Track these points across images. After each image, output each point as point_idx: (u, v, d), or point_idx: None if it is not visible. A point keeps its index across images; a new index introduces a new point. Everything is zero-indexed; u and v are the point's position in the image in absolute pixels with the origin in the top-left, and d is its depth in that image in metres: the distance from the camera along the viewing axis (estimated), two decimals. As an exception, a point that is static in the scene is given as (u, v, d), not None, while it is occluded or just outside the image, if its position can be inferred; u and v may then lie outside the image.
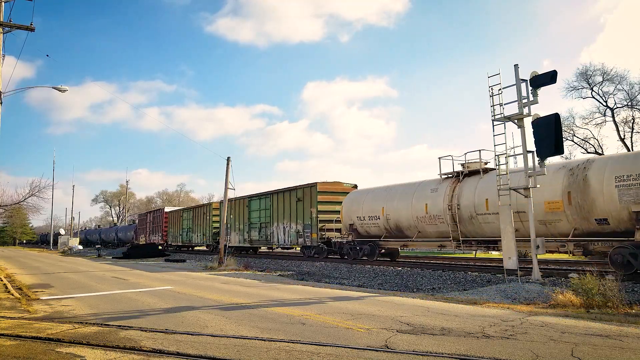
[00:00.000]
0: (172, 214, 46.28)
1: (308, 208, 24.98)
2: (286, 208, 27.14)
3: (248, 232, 31.05)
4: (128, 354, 5.88)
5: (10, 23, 13.87)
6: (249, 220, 31.12)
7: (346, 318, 8.14)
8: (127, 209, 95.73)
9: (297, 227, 25.87)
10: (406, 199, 19.79)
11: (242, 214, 32.09)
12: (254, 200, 30.86)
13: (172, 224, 45.88)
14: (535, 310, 8.79)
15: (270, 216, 28.63)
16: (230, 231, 32.64)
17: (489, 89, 12.85)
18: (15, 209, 39.08)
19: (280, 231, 27.72)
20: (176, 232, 44.34)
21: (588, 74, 33.70)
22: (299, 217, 25.79)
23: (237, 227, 32.49)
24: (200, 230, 38.75)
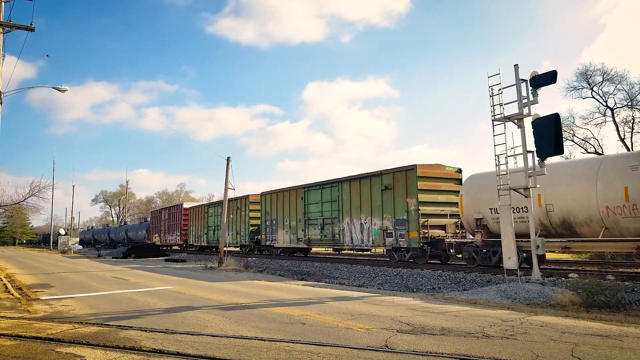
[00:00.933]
0: (194, 210, 39.40)
1: (402, 198, 18.78)
2: (364, 199, 20.77)
3: (304, 229, 24.74)
4: (128, 354, 5.88)
5: (10, 23, 13.87)
6: (305, 216, 24.82)
7: (346, 318, 8.14)
8: (127, 209, 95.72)
9: (383, 223, 19.61)
10: (583, 182, 13.71)
11: (293, 208, 25.99)
12: (314, 191, 24.42)
13: (193, 221, 39.16)
14: (535, 310, 8.79)
15: (339, 210, 22.40)
16: (276, 229, 27.28)
17: (489, 89, 12.86)
18: (15, 209, 39.05)
19: (354, 229, 21.40)
20: (199, 230, 37.85)
21: (588, 74, 33.69)
22: (386, 210, 19.53)
23: (285, 224, 26.56)
24: (234, 228, 32.59)
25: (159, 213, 48.58)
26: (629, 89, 32.09)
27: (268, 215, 28.13)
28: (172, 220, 44.20)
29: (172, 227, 43.87)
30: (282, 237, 26.84)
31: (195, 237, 38.94)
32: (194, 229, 39.16)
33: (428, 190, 18.72)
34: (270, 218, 27.88)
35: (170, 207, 46.52)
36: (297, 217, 25.70)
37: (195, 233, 38.85)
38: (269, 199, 28.19)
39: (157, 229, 47.79)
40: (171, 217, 44.48)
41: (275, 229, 27.38)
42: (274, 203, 27.72)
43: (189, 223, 40.35)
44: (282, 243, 26.95)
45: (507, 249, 12.10)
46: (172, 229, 44.04)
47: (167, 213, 45.92)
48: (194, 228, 39.07)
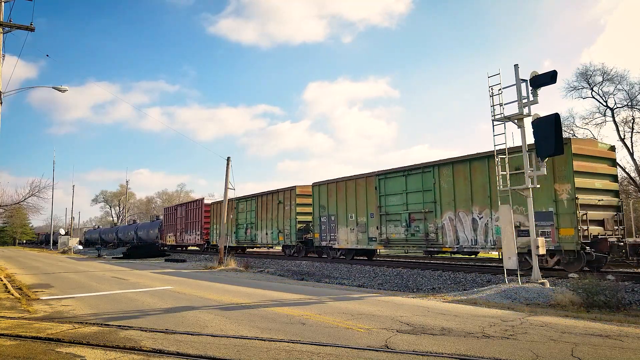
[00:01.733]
0: (218, 206, 34.34)
1: (546, 183, 14.11)
2: (478, 186, 16.30)
3: (380, 226, 19.87)
4: (128, 354, 5.88)
5: (10, 23, 13.88)
6: (380, 210, 19.86)
7: (346, 318, 8.14)
8: (127, 209, 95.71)
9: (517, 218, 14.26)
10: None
11: (362, 201, 21.04)
12: (394, 179, 19.56)
13: (217, 218, 34.20)
14: (535, 310, 8.79)
15: (436, 201, 17.70)
16: (336, 226, 22.33)
17: (489, 89, 12.85)
18: (15, 209, 39.07)
19: (462, 225, 16.82)
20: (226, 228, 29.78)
21: (588, 74, 33.70)
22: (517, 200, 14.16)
23: (348, 220, 21.59)
24: (273, 225, 27.84)
25: (174, 210, 43.43)
26: (629, 89, 32.11)
27: (323, 209, 23.12)
28: (190, 218, 39.26)
29: (191, 225, 38.96)
30: (345, 237, 21.76)
31: (219, 237, 33.39)
32: (218, 227, 33.66)
33: (584, 173, 14.25)
34: (326, 213, 22.91)
35: (188, 203, 41.16)
36: (367, 212, 20.69)
37: (220, 232, 33.07)
38: (324, 190, 23.26)
39: (171, 227, 43.19)
40: (189, 214, 39.57)
41: (335, 227, 22.27)
42: (332, 195, 22.65)
43: (211, 221, 35.15)
44: (345, 243, 21.78)
45: (507, 249, 12.10)
46: (190, 227, 39.10)
47: (184, 210, 40.92)
48: (219, 226, 33.11)
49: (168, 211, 46.09)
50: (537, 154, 11.87)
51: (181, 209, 41.76)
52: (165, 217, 46.03)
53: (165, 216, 46.17)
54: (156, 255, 36.07)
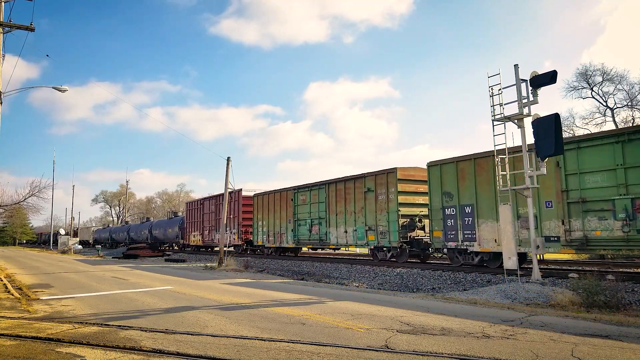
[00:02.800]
0: (267, 198, 27.87)
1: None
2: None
3: (570, 218, 13.09)
4: (128, 354, 5.88)
5: (10, 23, 13.87)
6: (564, 196, 13.14)
7: (346, 318, 8.14)
8: (127, 209, 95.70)
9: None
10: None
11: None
12: (590, 149, 12.81)
13: (264, 214, 27.89)
14: (535, 310, 8.79)
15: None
16: (472, 221, 15.77)
17: (489, 89, 12.85)
18: (15, 209, 39.02)
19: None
20: (277, 226, 26.53)
21: (588, 74, 33.73)
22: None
23: (492, 214, 15.09)
24: (357, 220, 20.64)
25: (200, 205, 36.99)
26: (628, 89, 32.14)
27: (449, 198, 16.62)
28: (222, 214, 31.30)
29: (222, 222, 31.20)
30: (493, 235, 15.05)
31: (267, 236, 27.47)
32: (264, 224, 27.73)
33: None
34: (455, 203, 16.36)
35: (219, 196, 33.48)
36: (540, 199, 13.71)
37: (269, 230, 27.19)
38: (451, 171, 16.62)
39: (196, 225, 37.14)
40: (221, 209, 32.22)
41: (472, 222, 15.75)
42: (467, 177, 16.08)
43: (254, 216, 28.83)
44: (493, 245, 15.05)
45: (507, 249, 12.10)
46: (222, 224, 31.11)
47: (213, 204, 34.48)
48: (266, 223, 27.62)
49: (192, 206, 39.40)
50: (537, 154, 11.87)
51: (209, 204, 35.15)
52: (189, 214, 39.21)
53: (188, 212, 39.32)
54: (156, 255, 36.08)
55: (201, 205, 36.85)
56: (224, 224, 25.37)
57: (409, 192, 19.18)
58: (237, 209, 30.83)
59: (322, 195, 23.34)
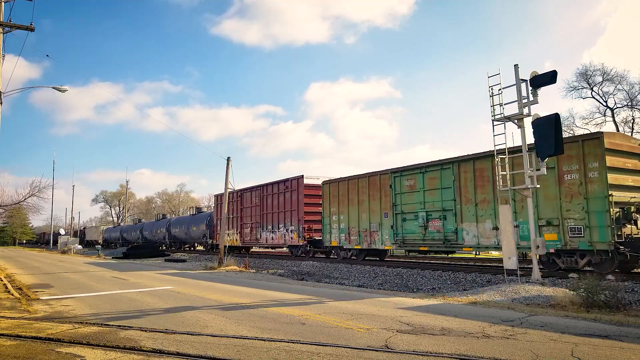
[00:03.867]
0: (344, 185, 21.56)
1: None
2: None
3: None
4: (128, 354, 5.88)
5: (10, 23, 13.88)
6: None
7: (346, 318, 8.14)
8: (127, 209, 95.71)
9: None
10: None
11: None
12: None
13: (340, 205, 21.67)
14: (535, 310, 8.79)
15: None
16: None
17: (489, 89, 12.85)
18: (15, 209, 39.02)
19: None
20: (366, 221, 20.14)
21: (588, 74, 33.75)
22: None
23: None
24: (523, 212, 13.77)
25: (238, 197, 30.53)
26: (629, 89, 32.17)
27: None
28: (272, 207, 26.84)
29: (274, 217, 26.53)
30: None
31: (347, 235, 21.16)
32: (341, 220, 21.46)
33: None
34: None
35: (268, 185, 27.41)
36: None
37: (349, 226, 20.70)
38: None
39: (232, 221, 31.03)
40: (270, 200, 27.00)
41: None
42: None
43: (325, 209, 22.69)
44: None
45: (507, 249, 12.10)
46: (271, 220, 26.72)
47: (256, 195, 28.48)
48: (344, 218, 21.27)
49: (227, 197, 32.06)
50: (537, 154, 11.87)
51: (253, 195, 29.00)
52: (219, 208, 32.23)
53: (220, 207, 32.29)
54: (156, 255, 36.08)
55: (239, 197, 30.52)
56: (224, 223, 25.34)
57: (617, 168, 13.20)
58: (296, 200, 24.44)
59: (446, 178, 16.81)
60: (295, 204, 24.78)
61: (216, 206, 33.92)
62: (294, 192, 25.06)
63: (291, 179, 25.12)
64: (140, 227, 51.95)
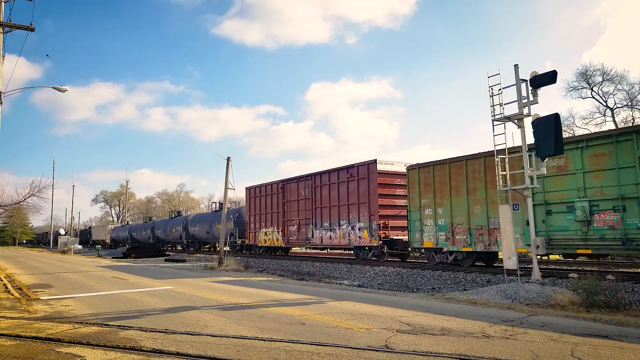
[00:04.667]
0: (442, 170, 16.82)
1: None
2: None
3: None
4: (128, 354, 5.88)
5: (10, 23, 13.88)
6: None
7: (346, 318, 8.14)
8: (127, 209, 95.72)
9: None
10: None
11: None
12: None
13: (437, 194, 16.84)
14: (535, 310, 8.79)
15: None
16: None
17: (489, 89, 12.85)
18: (15, 209, 38.98)
19: None
20: (482, 215, 15.24)
21: (588, 74, 33.76)
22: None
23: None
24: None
25: (279, 190, 26.36)
26: (628, 89, 32.17)
27: None
28: (329, 200, 22.39)
29: (332, 212, 21.89)
30: None
31: (448, 233, 16.40)
32: (439, 214, 16.75)
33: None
34: None
35: (323, 174, 23.14)
36: None
37: (452, 222, 16.15)
38: None
39: (271, 218, 26.95)
40: (326, 192, 22.66)
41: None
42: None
43: (412, 201, 17.83)
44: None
45: (507, 249, 12.10)
46: (328, 216, 22.10)
47: (306, 186, 24.12)
48: (443, 211, 16.61)
49: (261, 192, 28.30)
50: (537, 154, 11.87)
51: (302, 186, 24.42)
52: (254, 203, 28.66)
53: (254, 200, 28.66)
54: (156, 255, 36.08)
55: (280, 189, 26.17)
56: (224, 222, 25.33)
57: None
58: (365, 190, 20.00)
59: (624, 154, 12.13)
60: (365, 195, 20.01)
61: (249, 200, 29.18)
62: (362, 180, 20.40)
63: (358, 165, 20.82)
64: (152, 225, 48.34)
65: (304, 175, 24.52)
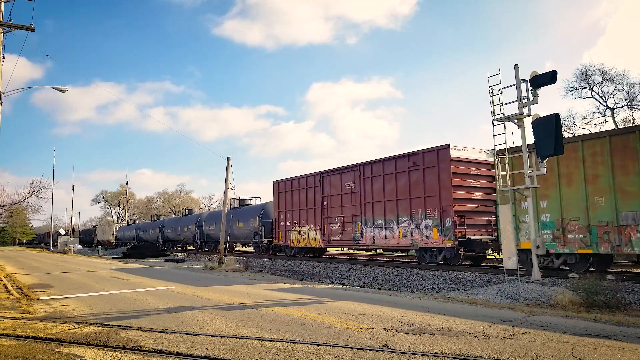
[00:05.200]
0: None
1: None
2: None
3: None
4: (128, 354, 5.88)
5: (10, 23, 13.88)
6: None
7: (346, 318, 8.14)
8: (127, 209, 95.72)
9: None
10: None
11: None
12: None
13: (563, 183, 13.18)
14: (535, 310, 8.79)
15: None
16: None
17: (489, 89, 12.84)
18: (15, 209, 38.97)
19: None
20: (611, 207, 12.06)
21: (588, 74, 33.75)
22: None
23: None
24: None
25: (319, 182, 23.20)
26: (628, 89, 32.17)
27: None
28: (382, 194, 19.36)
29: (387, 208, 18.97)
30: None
31: (553, 231, 13.45)
32: (545, 207, 13.68)
33: None
34: None
35: (374, 164, 19.98)
36: None
37: (560, 219, 13.19)
38: None
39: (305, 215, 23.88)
40: (379, 184, 19.51)
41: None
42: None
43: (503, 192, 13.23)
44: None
45: (507, 249, 12.10)
46: (383, 212, 19.14)
47: (353, 178, 21.03)
48: (548, 204, 13.64)
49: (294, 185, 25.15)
50: (537, 154, 11.87)
51: (346, 178, 21.44)
52: (284, 198, 25.75)
53: (284, 195, 25.77)
54: (156, 255, 36.09)
55: (319, 182, 23.10)
56: (224, 222, 25.32)
57: None
58: (434, 181, 16.96)
59: None
60: (434, 187, 16.90)
61: (277, 195, 26.11)
62: (429, 169, 17.17)
63: (424, 151, 17.61)
64: (160, 224, 46.13)
65: (349, 166, 21.56)
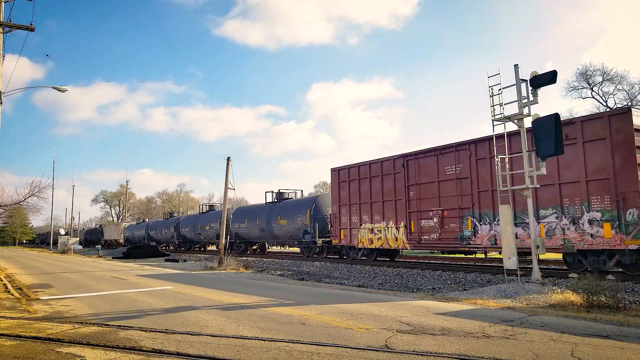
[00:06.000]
0: None
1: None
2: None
3: None
4: (128, 354, 5.88)
5: (10, 23, 13.87)
6: None
7: (346, 318, 8.14)
8: (127, 209, 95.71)
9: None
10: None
11: None
12: None
13: None
14: (535, 310, 8.79)
15: None
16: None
17: (489, 89, 12.85)
18: (15, 209, 38.95)
19: None
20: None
21: (588, 74, 33.76)
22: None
23: None
24: None
25: (403, 166, 18.90)
26: (628, 89, 32.17)
27: None
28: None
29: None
30: None
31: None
32: None
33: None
34: None
35: (489, 140, 15.27)
36: None
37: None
38: None
39: (390, 208, 19.36)
40: (478, 167, 16.10)
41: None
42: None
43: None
44: None
45: (507, 249, 12.10)
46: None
47: (454, 160, 16.89)
48: None
49: (360, 173, 21.17)
50: (537, 154, 11.87)
51: (445, 160, 17.29)
52: (346, 188, 21.86)
53: (346, 185, 21.90)
54: (155, 255, 36.09)
55: (402, 167, 18.87)
56: (224, 221, 25.30)
57: None
58: (604, 159, 12.86)
59: None
60: (603, 168, 12.85)
61: (337, 186, 21.95)
62: (592, 143, 13.08)
63: (582, 119, 13.58)
64: (175, 222, 41.77)
65: (451, 145, 17.00)
